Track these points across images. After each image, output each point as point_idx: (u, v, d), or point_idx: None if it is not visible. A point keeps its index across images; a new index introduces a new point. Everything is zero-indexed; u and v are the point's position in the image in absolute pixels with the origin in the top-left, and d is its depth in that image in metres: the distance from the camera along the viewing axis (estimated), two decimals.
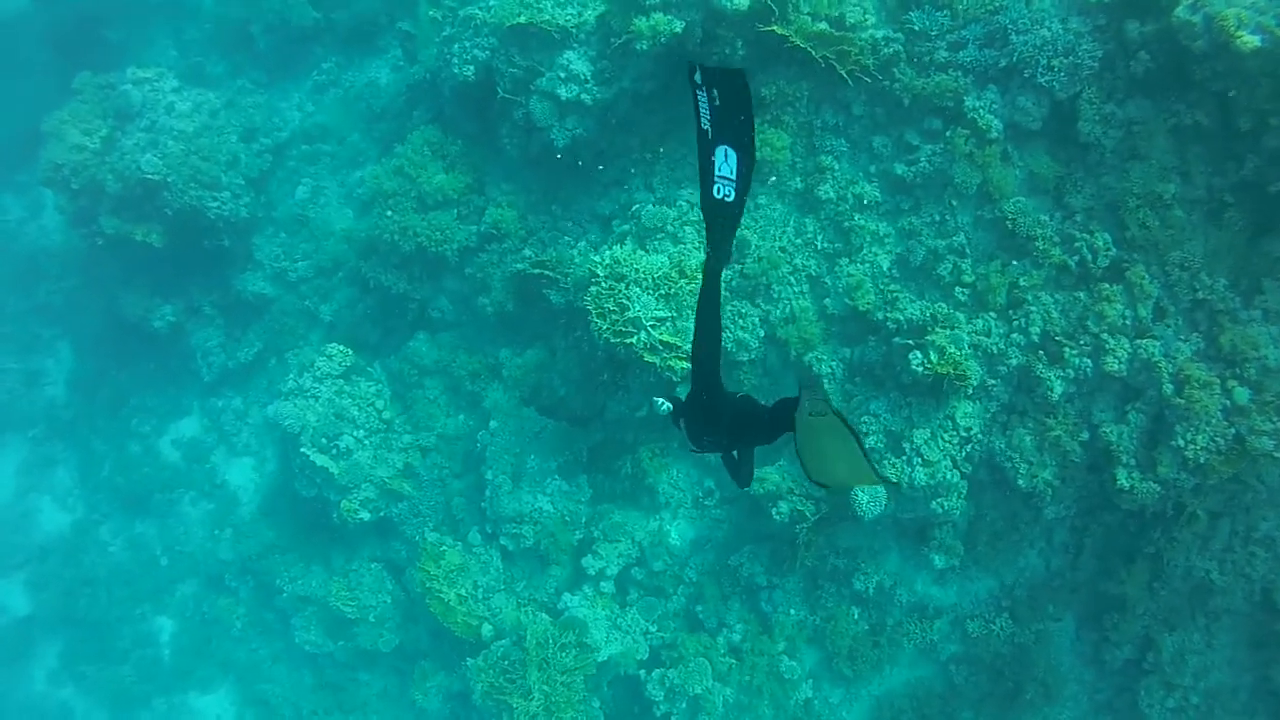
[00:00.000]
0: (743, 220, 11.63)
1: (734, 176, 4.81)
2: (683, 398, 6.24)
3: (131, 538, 17.82)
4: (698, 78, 4.76)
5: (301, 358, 15.40)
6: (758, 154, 11.26)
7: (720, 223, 5.09)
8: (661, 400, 6.50)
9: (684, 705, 12.76)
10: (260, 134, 16.62)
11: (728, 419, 5.53)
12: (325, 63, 17.16)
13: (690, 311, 10.97)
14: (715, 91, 4.76)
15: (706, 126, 4.78)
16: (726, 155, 4.78)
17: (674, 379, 10.94)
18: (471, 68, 12.93)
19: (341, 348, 14.66)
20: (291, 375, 14.78)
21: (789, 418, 4.96)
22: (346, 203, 16.54)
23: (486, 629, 13.64)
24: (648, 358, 10.54)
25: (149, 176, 14.94)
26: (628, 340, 10.56)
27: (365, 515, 14.44)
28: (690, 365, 6.66)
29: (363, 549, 15.53)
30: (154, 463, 17.61)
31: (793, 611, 12.80)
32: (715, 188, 4.84)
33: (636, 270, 10.77)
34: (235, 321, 16.99)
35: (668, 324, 10.74)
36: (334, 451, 14.34)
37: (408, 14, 15.96)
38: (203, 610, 17.33)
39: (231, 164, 15.92)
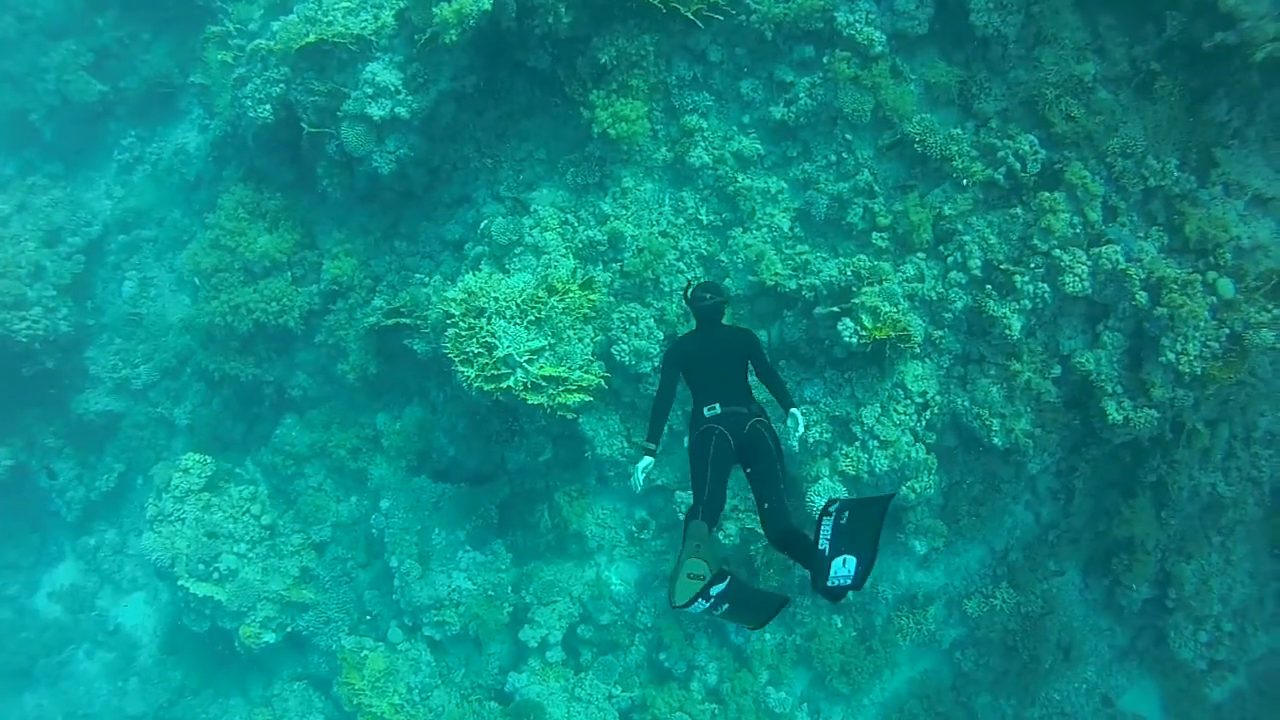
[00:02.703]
0: (612, 210, 9.46)
1: (851, 575, 4.51)
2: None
3: (22, 717, 14.77)
4: (833, 508, 4.64)
5: (158, 477, 12.63)
6: (612, 131, 8.99)
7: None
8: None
9: None
10: (66, 234, 13.87)
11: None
12: (125, 138, 14.47)
13: (571, 331, 8.61)
14: (846, 513, 4.62)
15: (824, 545, 4.57)
16: (845, 562, 4.51)
17: (569, 416, 8.52)
18: (268, 106, 10.53)
19: (198, 457, 11.98)
20: (150, 500, 12.03)
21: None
22: (180, 289, 13.82)
23: None
24: (531, 400, 8.10)
25: None
26: (503, 385, 8.11)
27: (270, 637, 11.80)
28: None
29: (280, 670, 12.84)
30: (32, 624, 14.60)
31: (768, 636, 10.58)
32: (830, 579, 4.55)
33: (496, 299, 8.30)
34: (86, 447, 14.11)
35: (545, 354, 8.29)
36: (216, 576, 11.67)
37: (199, 64, 13.24)
38: None
39: (36, 275, 13.30)
